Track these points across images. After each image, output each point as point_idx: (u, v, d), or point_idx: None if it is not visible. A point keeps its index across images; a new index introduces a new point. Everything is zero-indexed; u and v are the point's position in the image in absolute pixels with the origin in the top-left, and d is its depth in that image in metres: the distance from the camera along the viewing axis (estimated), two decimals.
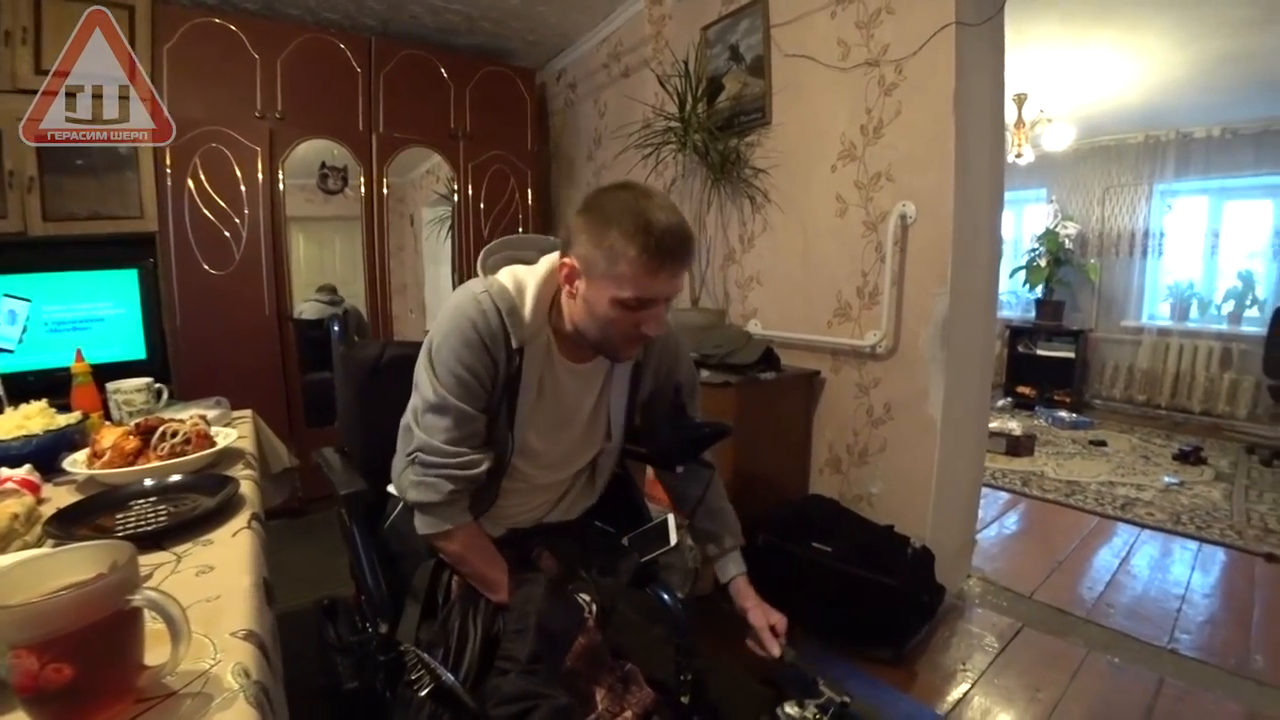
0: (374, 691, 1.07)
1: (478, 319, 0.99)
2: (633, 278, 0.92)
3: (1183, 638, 1.96)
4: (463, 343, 0.99)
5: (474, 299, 1.00)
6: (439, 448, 1.00)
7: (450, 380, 1.00)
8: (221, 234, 2.64)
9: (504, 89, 3.30)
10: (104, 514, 0.97)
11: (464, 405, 1.00)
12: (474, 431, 1.03)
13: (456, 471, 1.01)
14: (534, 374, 1.05)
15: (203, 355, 2.62)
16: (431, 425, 1.01)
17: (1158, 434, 4.46)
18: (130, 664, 0.55)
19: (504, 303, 1.00)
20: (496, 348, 1.00)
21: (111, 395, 1.53)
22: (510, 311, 1.00)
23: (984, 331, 2.22)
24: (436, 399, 1.00)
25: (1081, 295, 5.26)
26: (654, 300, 0.96)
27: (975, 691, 1.72)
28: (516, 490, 1.14)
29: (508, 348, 1.00)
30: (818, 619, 1.95)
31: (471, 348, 0.99)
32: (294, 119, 2.75)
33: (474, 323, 0.99)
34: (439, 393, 1.00)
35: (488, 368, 1.01)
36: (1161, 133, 4.75)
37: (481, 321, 0.99)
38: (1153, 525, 2.81)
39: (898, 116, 2.06)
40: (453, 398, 1.00)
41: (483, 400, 1.02)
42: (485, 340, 0.99)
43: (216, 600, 0.72)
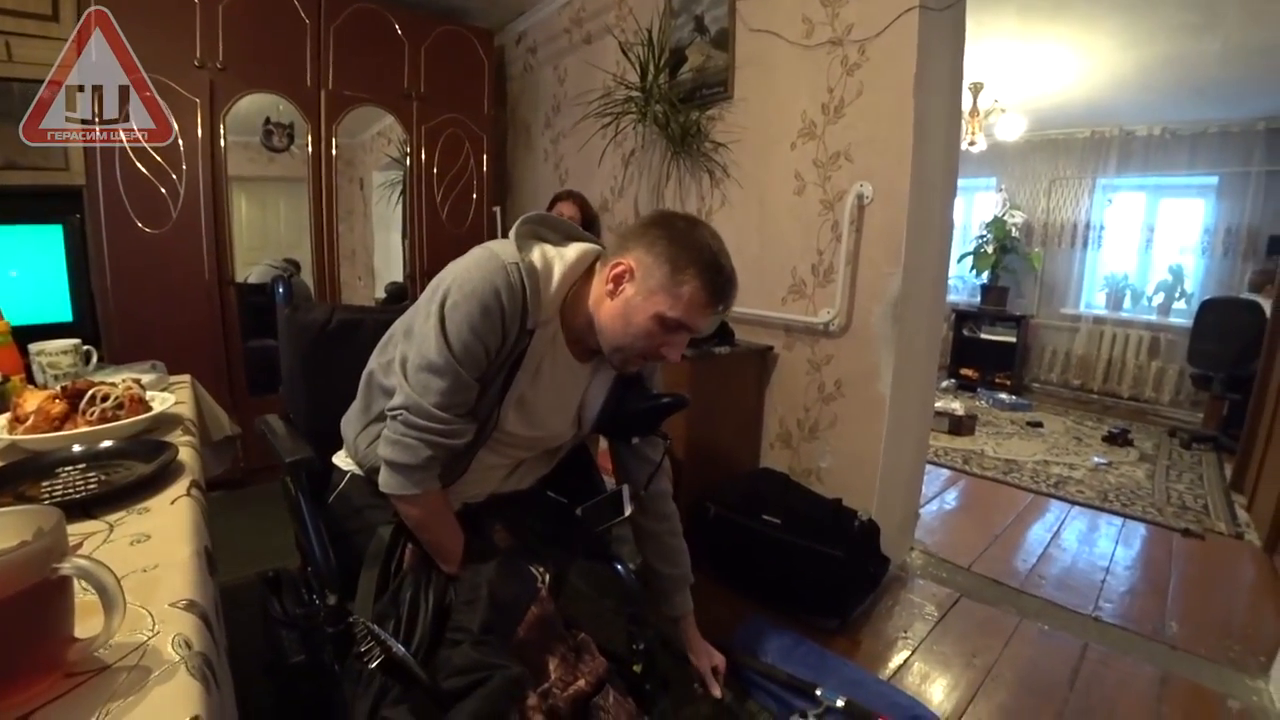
0: (321, 665, 1.05)
1: (504, 289, 0.96)
2: (688, 303, 0.98)
3: (1106, 606, 2.08)
4: (482, 310, 0.95)
5: (504, 268, 0.96)
6: (428, 410, 0.97)
7: (459, 344, 0.96)
8: (157, 190, 2.49)
9: (461, 50, 3.19)
10: (28, 481, 0.91)
11: (464, 372, 0.98)
12: (465, 400, 1.00)
13: (440, 439, 0.99)
14: (535, 358, 1.05)
15: (136, 318, 2.48)
16: (425, 385, 0.98)
17: (1090, 417, 4.69)
18: (57, 637, 0.52)
19: (531, 281, 0.98)
20: (512, 323, 0.97)
21: (35, 357, 1.43)
22: (534, 291, 0.98)
23: (933, 313, 2.28)
24: (440, 359, 0.96)
25: (1025, 282, 5.46)
26: (690, 329, 1.01)
27: (915, 658, 1.79)
28: (478, 465, 1.13)
29: (521, 326, 0.98)
30: (766, 589, 2.00)
31: (490, 316, 0.96)
32: (236, 70, 2.59)
33: (499, 292, 0.95)
34: (444, 353, 0.96)
35: (497, 341, 0.98)
36: (1106, 129, 4.94)
37: (507, 293, 0.96)
38: (1082, 502, 2.97)
39: (859, 97, 2.07)
40: (455, 361, 0.97)
41: (481, 371, 1.00)
42: (505, 312, 0.96)
43: (154, 570, 0.68)
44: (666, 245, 0.98)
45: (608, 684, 1.01)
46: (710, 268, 0.98)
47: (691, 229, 1.02)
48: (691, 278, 0.97)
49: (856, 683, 1.58)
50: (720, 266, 1.00)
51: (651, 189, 2.77)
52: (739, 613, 1.90)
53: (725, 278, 1.00)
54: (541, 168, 3.50)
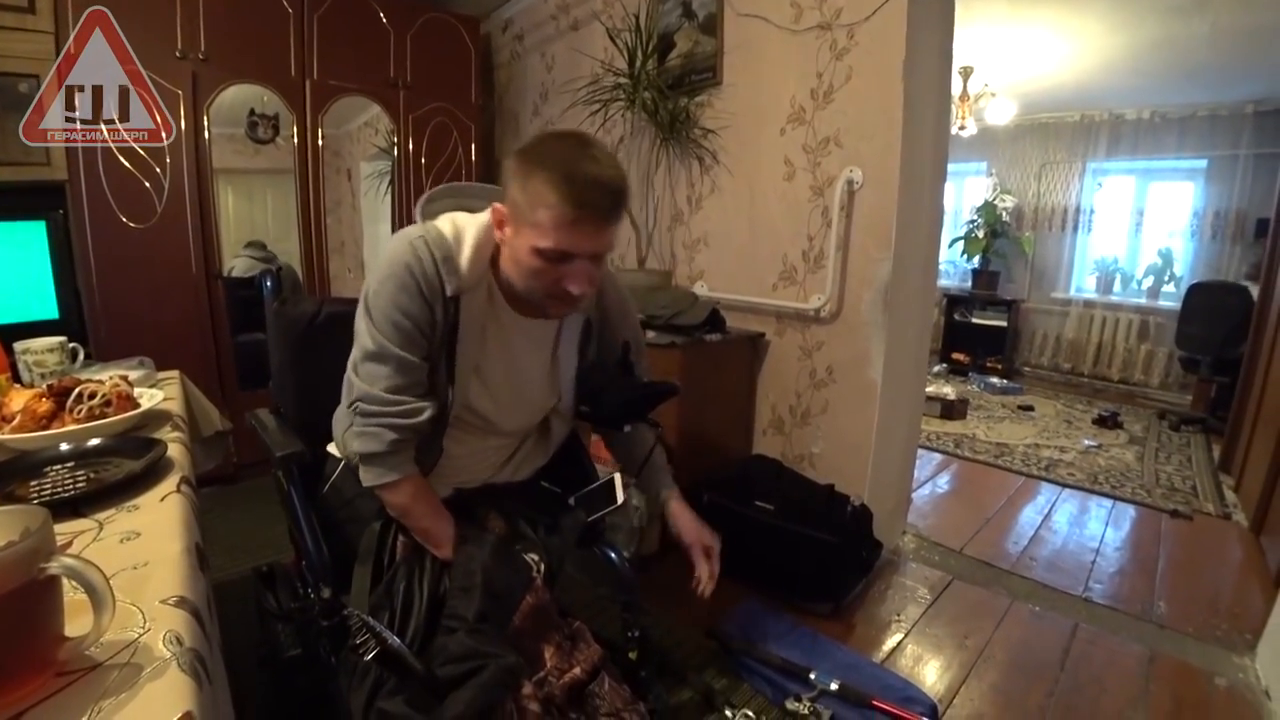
0: (317, 658, 1.05)
1: (413, 264, 0.96)
2: (552, 227, 0.90)
3: (1096, 587, 2.11)
4: (399, 288, 0.96)
5: (409, 244, 0.97)
6: (379, 396, 0.98)
7: (388, 327, 0.97)
8: (141, 184, 2.45)
9: (447, 37, 3.15)
10: (15, 481, 0.91)
11: (403, 352, 0.98)
12: (415, 380, 1.01)
13: (398, 420, 0.99)
14: (475, 325, 1.03)
15: (123, 314, 2.45)
16: (371, 374, 0.99)
17: (1080, 400, 4.72)
18: (47, 636, 0.52)
19: (440, 250, 0.97)
20: (433, 295, 0.98)
21: (20, 356, 1.41)
22: (446, 259, 0.97)
23: (924, 298, 2.28)
24: (375, 347, 0.98)
25: (1015, 267, 5.48)
26: (573, 254, 0.93)
27: (908, 640, 1.81)
28: (464, 449, 1.13)
29: (444, 296, 0.98)
30: (760, 575, 2.01)
31: (408, 292, 0.97)
32: (219, 61, 2.55)
33: (409, 267, 0.96)
34: (377, 340, 0.97)
35: (425, 314, 0.98)
36: (1096, 113, 4.94)
37: (417, 267, 0.96)
38: (1073, 485, 3.00)
39: (848, 82, 2.06)
40: (392, 345, 0.97)
41: (423, 348, 1.00)
42: (421, 286, 0.97)
43: (144, 567, 0.68)
44: (524, 172, 0.92)
45: (602, 671, 1.01)
46: (566, 179, 0.88)
47: (548, 144, 0.95)
48: (546, 198, 0.89)
49: (850, 666, 1.59)
50: (576, 174, 0.88)
51: (641, 176, 2.75)
52: (733, 598, 1.91)
53: (585, 181, 0.88)
54: None
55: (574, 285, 0.94)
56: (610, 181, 0.91)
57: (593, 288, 0.99)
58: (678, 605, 1.92)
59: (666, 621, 1.83)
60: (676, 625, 1.82)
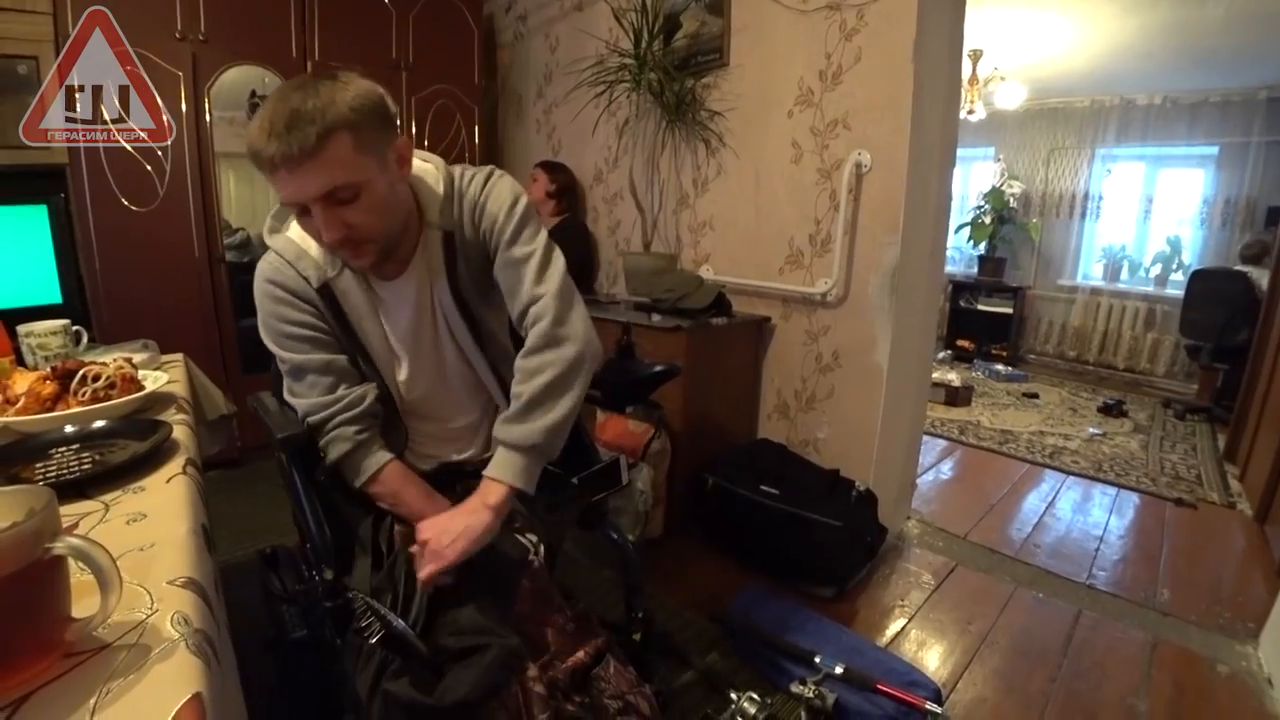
0: (322, 639, 1.05)
1: (272, 275, 0.99)
2: (269, 178, 0.85)
3: (1099, 574, 2.11)
4: (272, 303, 0.99)
5: (262, 264, 1.01)
6: (319, 402, 1.01)
7: (286, 341, 1.00)
8: (143, 167, 2.44)
9: (450, 18, 3.11)
10: (20, 463, 0.91)
11: (313, 355, 1.00)
12: (341, 372, 1.03)
13: (347, 413, 1.01)
14: (357, 302, 1.03)
15: (125, 298, 2.45)
16: (300, 389, 1.02)
17: (1085, 388, 4.71)
18: (53, 617, 0.52)
19: (288, 251, 1.00)
20: (304, 293, 0.99)
21: (24, 339, 1.41)
22: (298, 257, 0.99)
23: (931, 284, 2.27)
24: (289, 365, 1.01)
25: (1022, 253, 5.44)
26: (292, 199, 0.87)
27: (912, 625, 1.82)
28: (429, 424, 1.14)
29: (314, 289, 0.99)
30: (765, 559, 2.02)
31: (281, 302, 0.99)
32: (219, 42, 2.53)
33: (269, 280, 0.99)
34: (286, 359, 1.01)
35: (308, 313, 1.00)
36: (1106, 98, 4.88)
37: (276, 276, 0.99)
38: (1077, 472, 2.99)
39: (857, 64, 2.03)
40: (299, 355, 1.00)
41: (331, 344, 1.02)
42: (290, 290, 0.99)
43: (151, 549, 0.68)
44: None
45: (608, 654, 1.01)
46: (255, 126, 0.83)
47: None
48: (250, 152, 0.84)
49: (854, 650, 1.60)
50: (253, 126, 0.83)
51: (646, 159, 2.73)
52: (737, 582, 1.92)
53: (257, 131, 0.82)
54: (534, 139, 3.45)
55: (326, 235, 0.89)
56: (292, 106, 0.81)
57: (343, 232, 0.89)
58: (681, 588, 1.93)
59: (670, 605, 1.84)
60: (680, 608, 1.83)
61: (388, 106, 0.93)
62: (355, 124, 0.85)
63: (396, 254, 1.01)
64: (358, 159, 0.86)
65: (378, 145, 0.89)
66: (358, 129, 0.85)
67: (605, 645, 1.03)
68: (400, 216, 0.97)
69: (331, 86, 0.85)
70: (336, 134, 0.83)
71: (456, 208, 1.03)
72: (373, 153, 0.88)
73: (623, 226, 2.98)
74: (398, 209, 0.96)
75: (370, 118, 0.87)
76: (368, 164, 0.88)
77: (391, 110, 0.94)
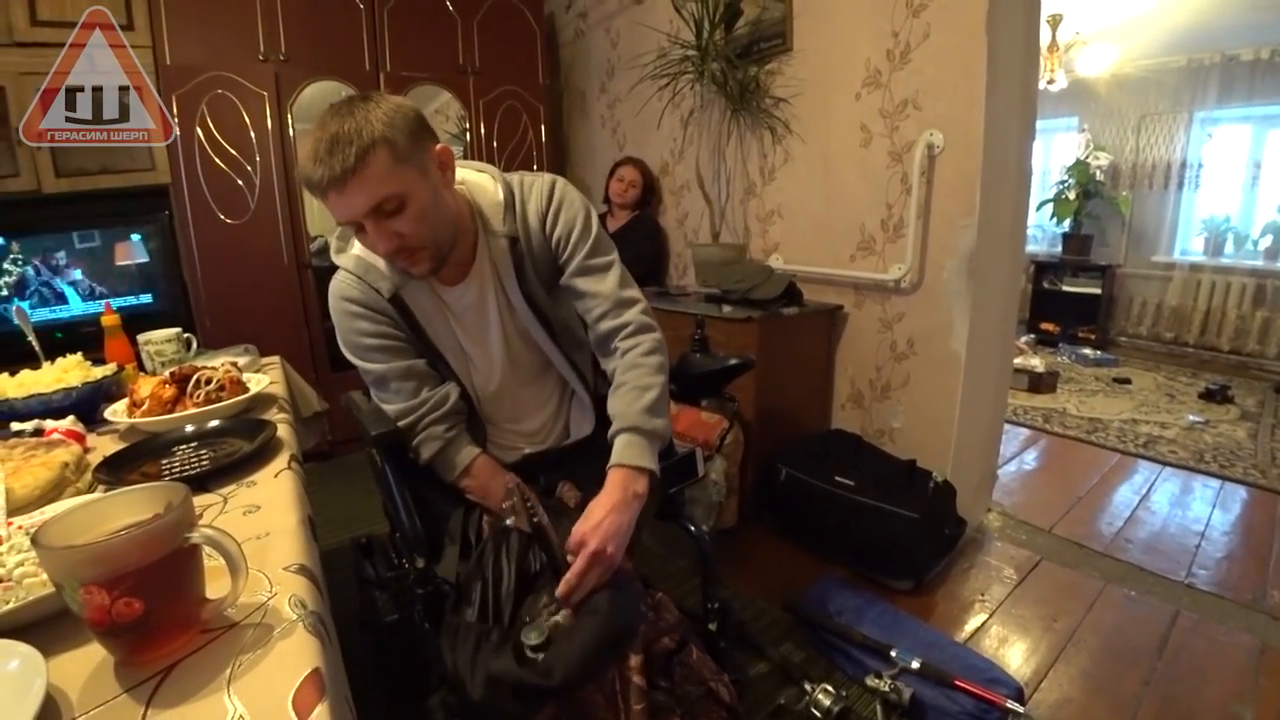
0: (412, 622, 1.12)
1: (347, 292, 1.06)
2: (323, 201, 0.91)
3: (1200, 573, 1.98)
4: (349, 317, 1.06)
5: (336, 281, 1.08)
6: (406, 406, 1.07)
7: (367, 354, 1.07)
8: (235, 182, 2.62)
9: (512, 21, 3.18)
10: (148, 460, 1.00)
11: (394, 363, 1.07)
12: (421, 375, 1.09)
13: (434, 413, 1.08)
14: (427, 308, 1.09)
15: (225, 304, 2.64)
16: (388, 396, 1.09)
17: (1184, 372, 4.40)
18: (193, 597, 0.58)
19: (358, 267, 1.05)
20: (378, 306, 1.05)
21: (143, 346, 1.55)
22: (366, 270, 1.05)
23: (1011, 266, 2.17)
24: (373, 376, 1.08)
25: (1110, 229, 5.10)
26: (342, 217, 0.92)
27: (993, 621, 1.76)
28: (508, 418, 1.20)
29: (386, 299, 1.05)
30: (840, 550, 1.99)
31: (357, 316, 1.05)
32: (298, 60, 2.68)
33: (345, 297, 1.06)
34: (369, 370, 1.08)
35: (384, 324, 1.06)
36: (1205, 55, 4.48)
37: (350, 293, 1.05)
38: (1175, 463, 2.80)
39: (925, 40, 1.96)
40: (380, 365, 1.07)
41: (410, 350, 1.09)
42: (364, 305, 1.05)
43: (266, 537, 0.75)
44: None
45: (689, 642, 1.03)
46: (304, 154, 0.89)
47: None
48: (302, 179, 0.91)
49: (932, 644, 1.56)
50: (302, 154, 0.90)
51: (712, 149, 2.72)
52: (811, 572, 1.90)
53: (306, 158, 0.88)
54: (599, 134, 3.49)
55: (380, 247, 0.95)
56: (332, 133, 0.86)
57: (395, 242, 0.94)
58: (755, 578, 1.94)
59: (744, 594, 1.85)
60: (754, 598, 1.83)
61: (420, 117, 0.96)
62: (390, 138, 0.88)
63: (454, 259, 1.06)
64: (397, 170, 0.90)
65: (415, 155, 0.93)
66: (393, 143, 0.89)
67: (687, 633, 1.05)
68: (450, 221, 1.01)
69: (364, 107, 0.90)
70: (373, 150, 0.87)
71: (520, 214, 1.08)
72: (411, 163, 0.92)
73: (691, 218, 2.98)
74: (446, 215, 1.00)
75: (403, 130, 0.91)
76: (408, 174, 0.92)
77: (425, 120, 0.98)
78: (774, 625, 1.72)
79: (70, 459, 0.91)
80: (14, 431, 1.09)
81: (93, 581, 0.50)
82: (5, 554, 0.65)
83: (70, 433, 1.09)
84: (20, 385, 1.23)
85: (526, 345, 1.17)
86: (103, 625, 0.52)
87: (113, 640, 0.54)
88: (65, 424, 1.12)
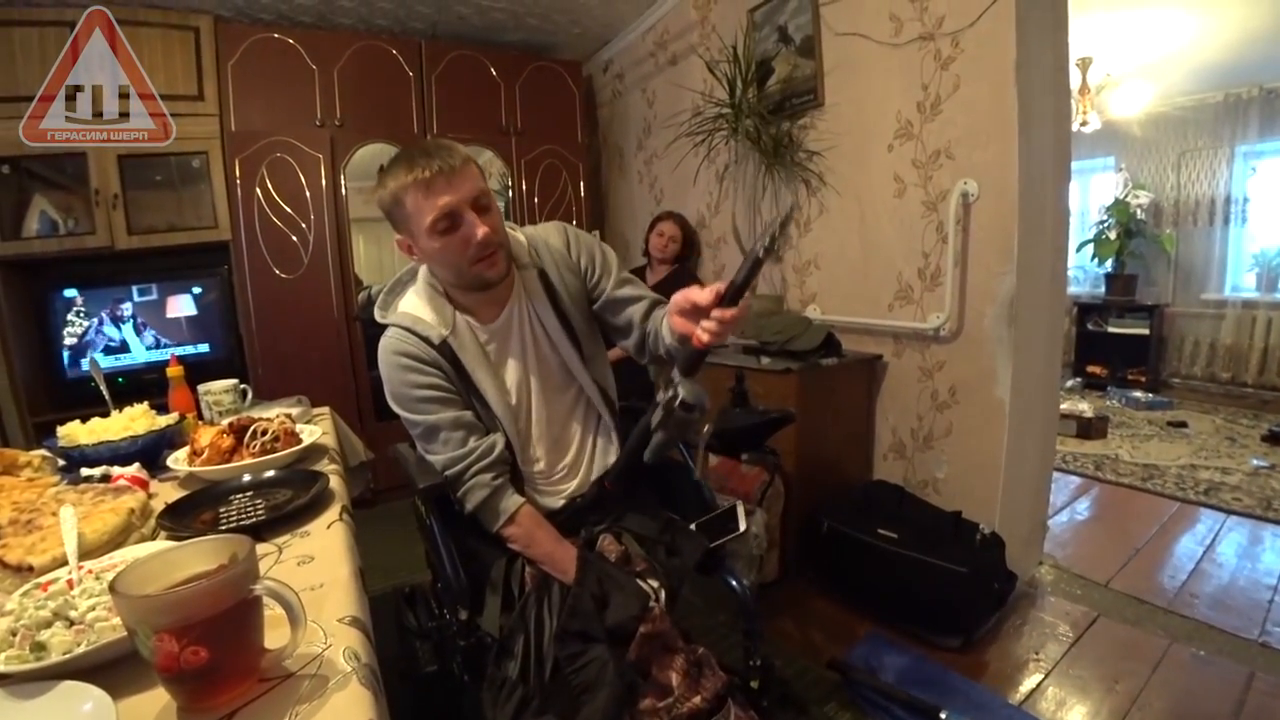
0: (452, 674, 1.12)
1: (398, 346, 1.10)
2: (423, 199, 1.01)
3: (1275, 630, 1.86)
4: (401, 371, 1.10)
5: (385, 340, 1.13)
6: (454, 456, 1.10)
7: (418, 405, 1.10)
8: (289, 239, 2.76)
9: (552, 83, 3.33)
10: (207, 508, 1.04)
11: (444, 413, 1.10)
12: (469, 425, 1.12)
13: (481, 462, 1.10)
14: (474, 354, 1.13)
15: (277, 354, 2.75)
16: (436, 447, 1.12)
17: (1244, 414, 4.21)
18: (255, 647, 0.60)
19: (406, 321, 1.11)
20: (428, 356, 1.10)
21: (202, 396, 1.63)
22: (415, 323, 1.11)
23: (1053, 310, 2.14)
24: (423, 426, 1.11)
25: (1156, 268, 4.98)
26: (453, 210, 1.02)
27: (1049, 682, 1.68)
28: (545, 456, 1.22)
29: (435, 348, 1.10)
30: (884, 606, 1.93)
31: (409, 369, 1.10)
32: (352, 125, 2.84)
33: (397, 351, 1.10)
34: (420, 421, 1.11)
35: (434, 375, 1.10)
36: (1243, 89, 4.42)
37: (401, 347, 1.10)
38: (1240, 511, 2.66)
39: (956, 91, 2.00)
40: (431, 416, 1.10)
41: (458, 401, 1.12)
42: (416, 358, 1.09)
43: (320, 589, 0.77)
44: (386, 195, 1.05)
45: (729, 700, 1.01)
46: (403, 165, 1.02)
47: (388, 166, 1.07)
48: (403, 182, 1.01)
49: (984, 706, 1.50)
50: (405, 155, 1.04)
51: (747, 202, 2.77)
52: (855, 628, 1.85)
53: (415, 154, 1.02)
54: (637, 189, 3.58)
55: (473, 233, 1.03)
56: (432, 144, 1.04)
57: (492, 229, 1.05)
58: (797, 633, 1.89)
59: (787, 650, 1.80)
60: (797, 655, 1.78)
61: None
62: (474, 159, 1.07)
63: (492, 297, 1.14)
64: (484, 181, 1.07)
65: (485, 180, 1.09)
66: (476, 162, 1.07)
67: (726, 690, 1.03)
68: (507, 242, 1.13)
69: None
70: (469, 160, 1.06)
71: (543, 251, 1.20)
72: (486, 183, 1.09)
73: (728, 270, 3.02)
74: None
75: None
76: (488, 188, 1.08)
77: None
78: (818, 683, 1.67)
79: (136, 505, 0.95)
80: (84, 477, 1.15)
81: (165, 629, 0.53)
82: (78, 597, 0.68)
83: (135, 479, 1.14)
84: (91, 432, 1.30)
85: (558, 370, 1.23)
86: (170, 671, 0.54)
87: (178, 686, 0.56)
88: (131, 470, 1.17)
